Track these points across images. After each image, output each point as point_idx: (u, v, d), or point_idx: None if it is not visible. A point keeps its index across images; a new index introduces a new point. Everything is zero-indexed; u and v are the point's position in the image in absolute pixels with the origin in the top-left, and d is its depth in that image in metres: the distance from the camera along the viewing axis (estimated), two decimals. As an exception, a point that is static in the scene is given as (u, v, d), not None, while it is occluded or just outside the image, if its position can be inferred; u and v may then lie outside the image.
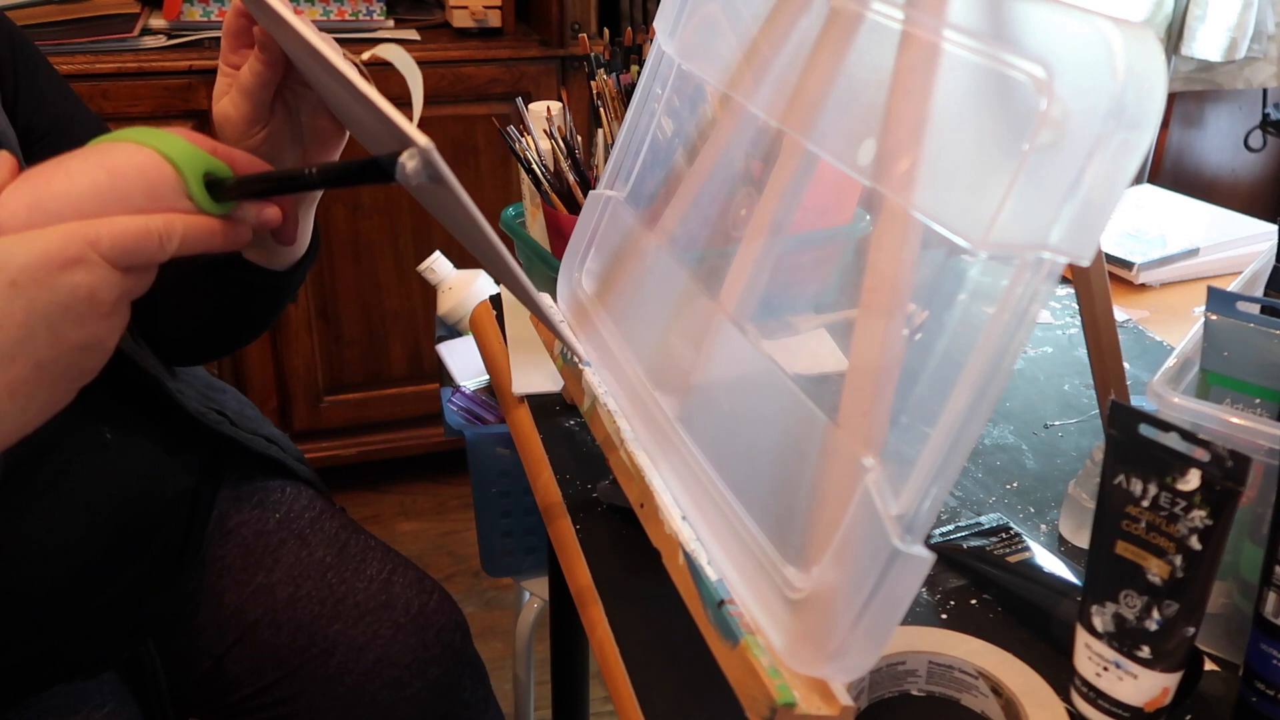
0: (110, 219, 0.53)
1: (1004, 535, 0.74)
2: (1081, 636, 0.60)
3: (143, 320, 0.89)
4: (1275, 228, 1.24)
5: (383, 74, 0.75)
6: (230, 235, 0.59)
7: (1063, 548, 0.76)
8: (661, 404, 0.65)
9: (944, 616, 0.69)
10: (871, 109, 0.54)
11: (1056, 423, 0.92)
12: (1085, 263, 0.42)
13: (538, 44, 2.00)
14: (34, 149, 0.86)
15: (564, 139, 0.97)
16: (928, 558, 0.44)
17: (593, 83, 0.97)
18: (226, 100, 0.72)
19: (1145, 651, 0.57)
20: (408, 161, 0.47)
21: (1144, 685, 0.58)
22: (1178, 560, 0.55)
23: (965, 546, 0.73)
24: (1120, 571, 0.57)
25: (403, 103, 0.58)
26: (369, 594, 0.98)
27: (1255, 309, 0.66)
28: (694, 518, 0.58)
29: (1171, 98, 2.47)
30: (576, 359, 0.71)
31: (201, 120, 1.84)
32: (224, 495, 1.00)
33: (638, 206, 0.75)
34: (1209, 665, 0.65)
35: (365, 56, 0.71)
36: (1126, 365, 0.76)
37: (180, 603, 0.94)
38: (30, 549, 0.81)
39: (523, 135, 0.99)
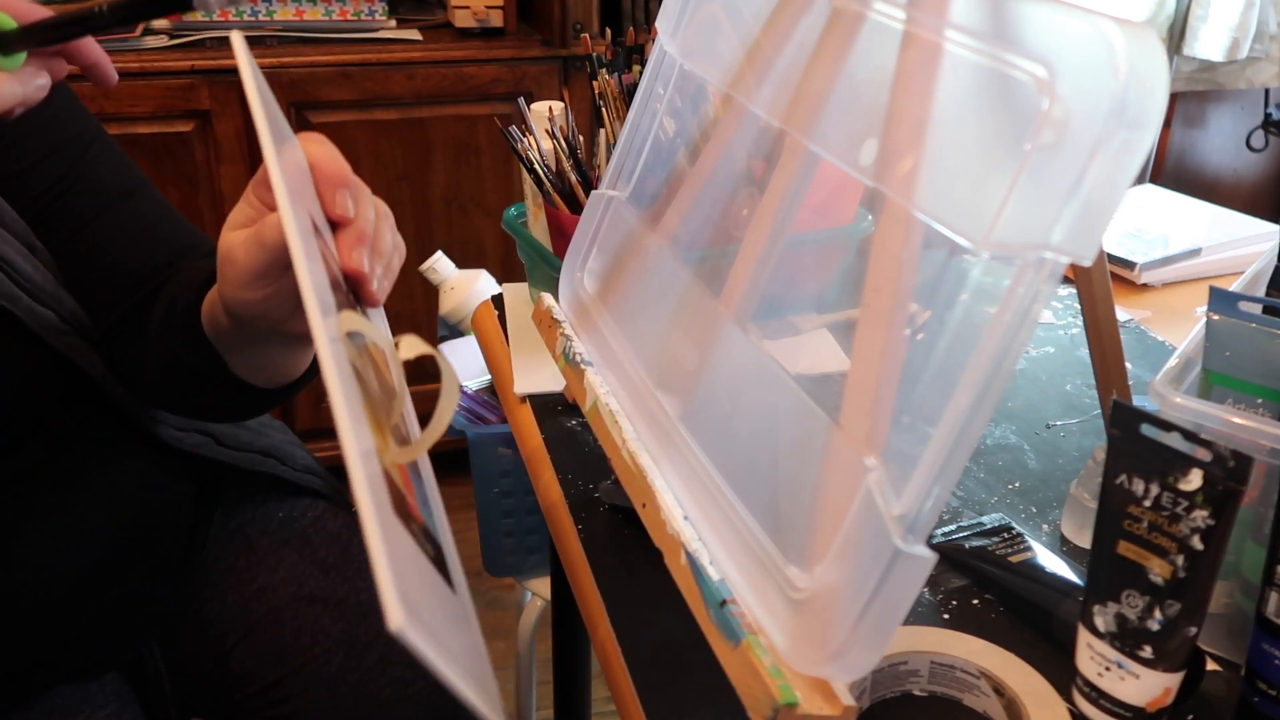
0: None
1: (1006, 535, 0.74)
2: (1083, 636, 0.60)
3: (127, 378, 0.86)
4: (1277, 228, 1.25)
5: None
6: (23, 88, 0.57)
7: (1064, 548, 0.76)
8: (663, 404, 0.65)
9: (946, 616, 0.69)
10: (873, 109, 0.54)
11: (1058, 422, 0.92)
12: (1087, 263, 0.42)
13: (539, 44, 2.00)
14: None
15: (566, 139, 0.97)
16: (929, 558, 0.44)
17: (594, 83, 0.97)
18: (241, 239, 0.61)
19: (1147, 651, 0.57)
20: None
21: (1146, 685, 0.58)
22: (1179, 560, 0.55)
23: (967, 546, 0.73)
24: (1122, 571, 0.57)
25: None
26: (371, 593, 0.97)
27: (1257, 309, 0.66)
28: (696, 518, 0.58)
29: (1173, 98, 2.47)
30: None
31: (203, 120, 1.84)
32: (227, 496, 1.00)
33: (640, 206, 0.75)
34: (1211, 665, 0.65)
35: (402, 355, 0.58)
36: (1128, 365, 0.76)
37: (183, 603, 0.94)
38: (34, 554, 0.81)
39: (525, 135, 0.99)
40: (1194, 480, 0.54)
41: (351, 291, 0.59)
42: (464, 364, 1.43)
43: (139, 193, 0.86)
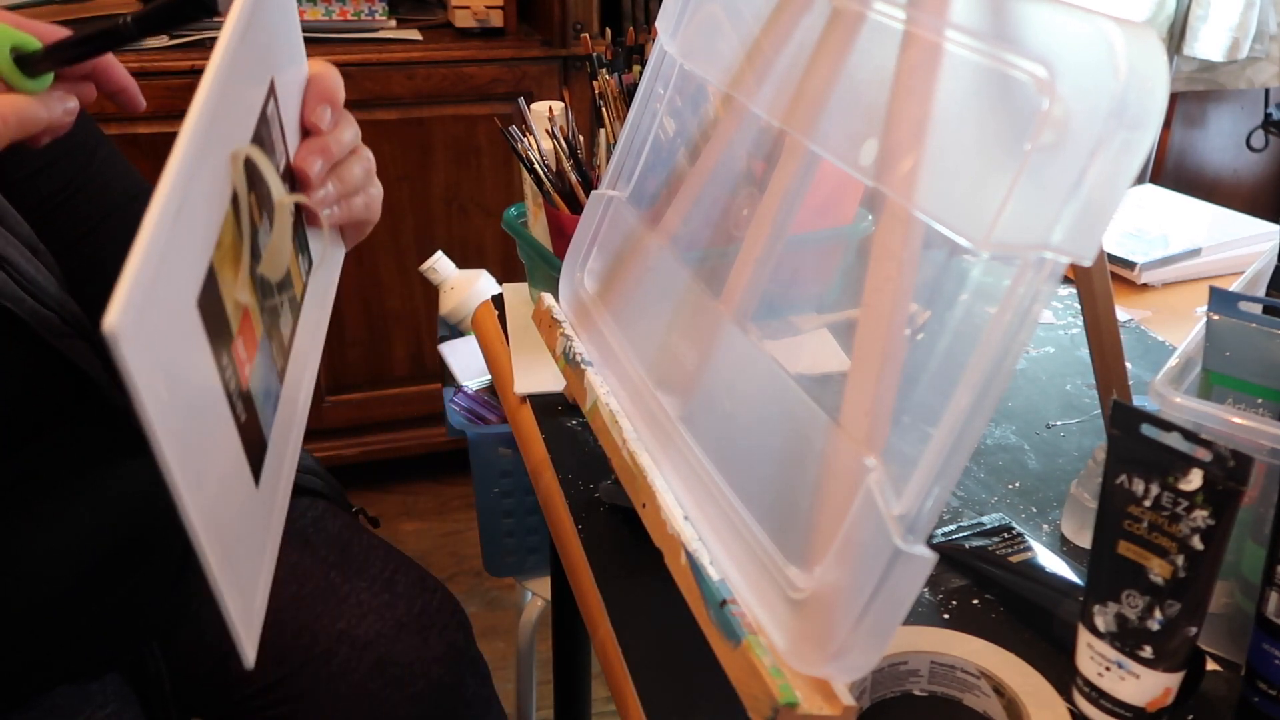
0: None
1: (1006, 535, 0.74)
2: (1084, 636, 0.60)
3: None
4: (1277, 228, 1.25)
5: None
6: (49, 113, 0.57)
7: (1065, 548, 0.76)
8: (664, 404, 0.65)
9: (946, 616, 0.69)
10: (873, 109, 0.54)
11: (1058, 422, 0.92)
12: (1087, 263, 0.42)
13: (540, 44, 2.00)
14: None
15: (566, 139, 0.97)
16: (930, 557, 0.44)
17: (595, 83, 0.97)
18: None
19: (1147, 651, 0.57)
20: None
21: (1146, 685, 0.58)
22: (1180, 560, 0.55)
23: (967, 546, 0.73)
24: (1122, 571, 0.57)
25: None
26: (372, 593, 0.98)
27: (1257, 309, 0.66)
28: (696, 518, 0.58)
29: (1173, 98, 2.47)
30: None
31: (204, 120, 1.84)
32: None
33: (640, 206, 0.75)
34: (1211, 665, 0.65)
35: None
36: (1128, 365, 0.76)
37: (184, 603, 0.94)
38: (34, 555, 0.81)
39: (525, 135, 0.99)
40: (1194, 480, 0.54)
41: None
42: (464, 364, 1.43)
43: (143, 197, 0.86)
